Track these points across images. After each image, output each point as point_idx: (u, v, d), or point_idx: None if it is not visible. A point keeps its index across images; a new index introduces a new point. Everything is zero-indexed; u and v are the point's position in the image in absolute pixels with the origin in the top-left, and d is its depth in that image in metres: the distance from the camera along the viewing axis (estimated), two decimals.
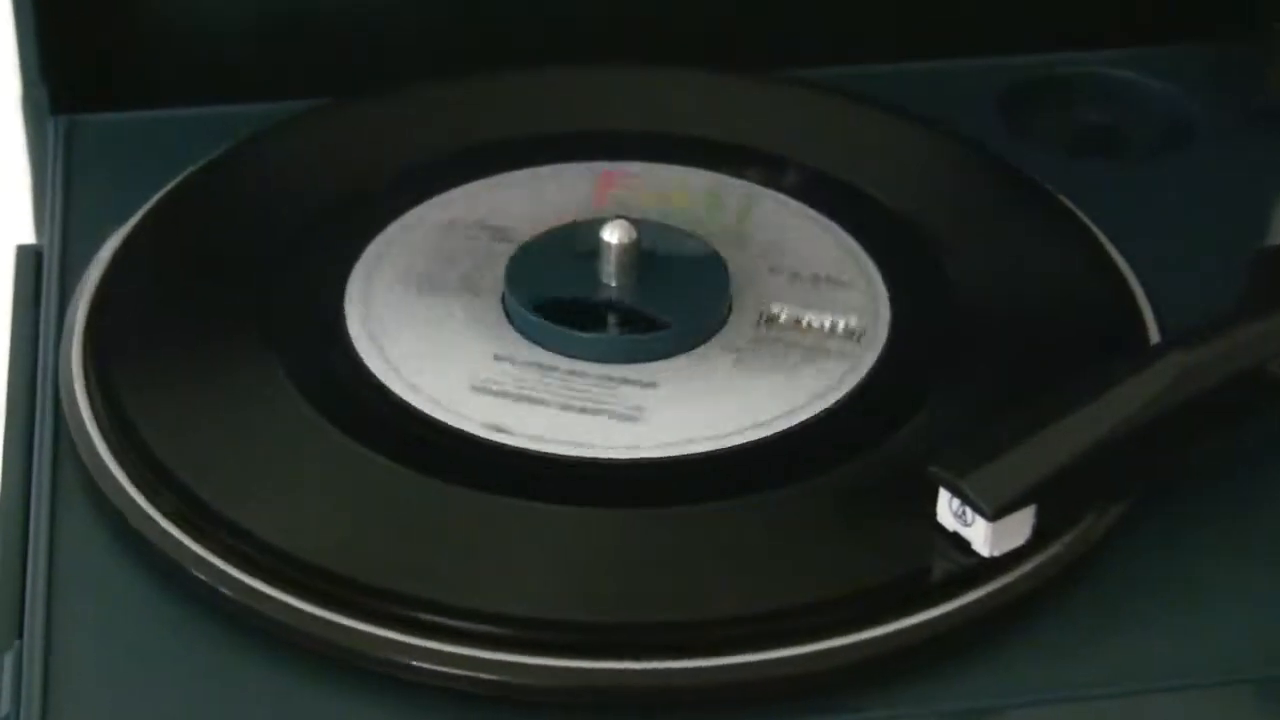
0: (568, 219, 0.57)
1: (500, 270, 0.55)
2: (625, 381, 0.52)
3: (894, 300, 0.55)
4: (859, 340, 0.53)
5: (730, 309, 0.54)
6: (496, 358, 0.52)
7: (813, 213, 0.59)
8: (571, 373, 0.52)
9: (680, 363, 0.53)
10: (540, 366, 0.52)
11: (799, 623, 0.45)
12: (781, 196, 0.59)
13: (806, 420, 0.51)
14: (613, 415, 0.51)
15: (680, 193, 0.59)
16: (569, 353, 0.52)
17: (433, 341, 0.53)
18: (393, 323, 0.53)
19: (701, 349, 0.53)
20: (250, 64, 0.68)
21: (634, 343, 0.53)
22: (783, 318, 0.54)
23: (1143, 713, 0.45)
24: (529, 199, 0.58)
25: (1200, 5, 0.71)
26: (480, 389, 0.51)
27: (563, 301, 0.54)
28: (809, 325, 0.54)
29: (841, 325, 0.53)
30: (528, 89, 0.64)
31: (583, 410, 0.51)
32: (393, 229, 0.57)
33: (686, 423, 0.50)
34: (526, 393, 0.51)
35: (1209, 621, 0.47)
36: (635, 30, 0.70)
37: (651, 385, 0.52)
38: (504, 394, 0.51)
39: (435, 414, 0.50)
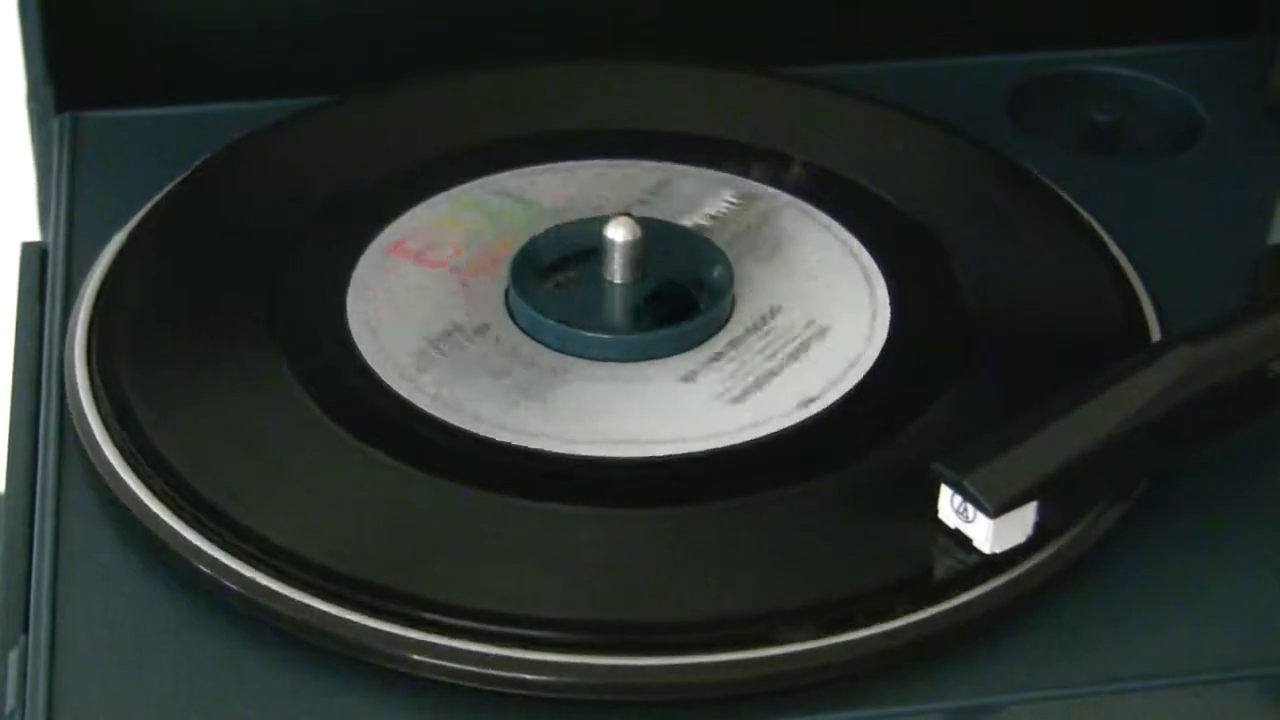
0: (465, 292, 0.55)
1: (519, 347, 0.53)
2: (769, 319, 0.53)
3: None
4: (758, 199, 0.57)
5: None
6: (685, 379, 0.52)
7: (556, 163, 0.60)
8: (733, 344, 0.53)
9: (748, 288, 0.55)
10: (715, 358, 0.52)
11: (799, 622, 0.45)
12: (503, 175, 0.60)
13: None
14: (817, 341, 0.52)
15: (459, 222, 0.58)
16: (704, 337, 0.53)
17: (642, 408, 0.51)
18: (566, 419, 0.51)
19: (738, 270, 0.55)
20: (253, 62, 0.68)
21: (723, 305, 0.54)
22: (715, 213, 0.57)
23: (1143, 711, 0.45)
24: (408, 299, 0.56)
25: (1206, 5, 0.71)
26: (737, 399, 0.51)
27: (561, 292, 0.54)
28: (720, 214, 0.57)
29: (731, 198, 0.58)
30: (528, 86, 0.64)
31: (800, 351, 0.52)
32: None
33: (860, 305, 0.54)
34: (758, 372, 0.52)
35: (1209, 620, 0.47)
36: (636, 29, 0.70)
37: (780, 308, 0.54)
38: (752, 388, 0.51)
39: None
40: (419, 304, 0.54)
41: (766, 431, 0.50)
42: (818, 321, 0.54)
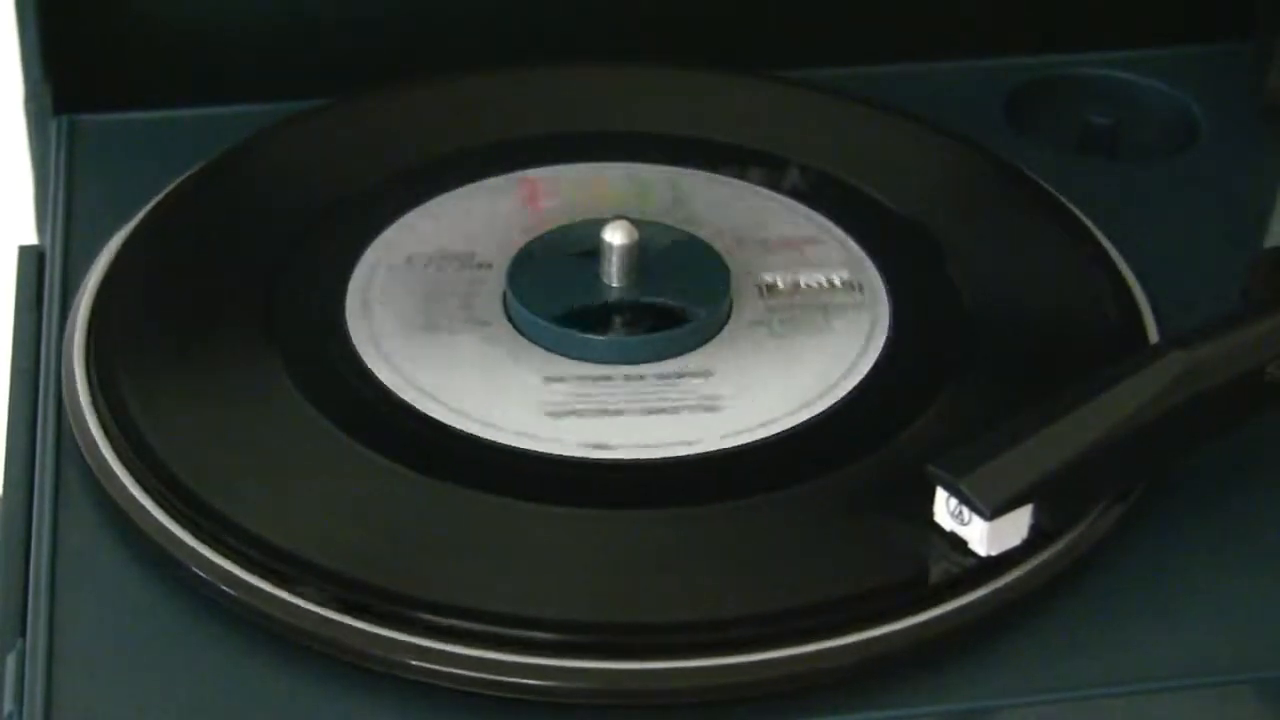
0: (514, 234, 0.56)
1: (488, 296, 0.54)
2: (683, 375, 0.52)
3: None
4: (861, 290, 0.54)
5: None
6: (548, 380, 0.52)
7: (745, 183, 0.59)
8: (628, 378, 0.52)
9: (717, 347, 0.53)
10: (593, 379, 0.52)
11: (799, 623, 0.45)
12: (707, 174, 0.59)
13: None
14: (694, 410, 0.51)
15: (605, 188, 0.58)
16: (610, 359, 0.52)
17: (479, 379, 0.52)
18: (427, 367, 0.52)
19: (727, 331, 0.54)
20: (251, 64, 0.68)
21: (668, 339, 0.53)
22: (780, 285, 0.55)
23: (1142, 712, 0.45)
24: (467, 219, 0.58)
25: (1203, 7, 0.71)
26: (557, 413, 0.51)
27: (581, 309, 0.53)
28: (807, 286, 0.54)
29: (837, 280, 0.54)
30: (529, 88, 0.64)
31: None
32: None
33: (765, 402, 0.51)
34: (601, 406, 0.51)
35: (1208, 621, 0.47)
36: (635, 31, 0.70)
37: (708, 374, 0.52)
38: (582, 412, 0.51)
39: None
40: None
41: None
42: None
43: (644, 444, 0.50)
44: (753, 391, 0.52)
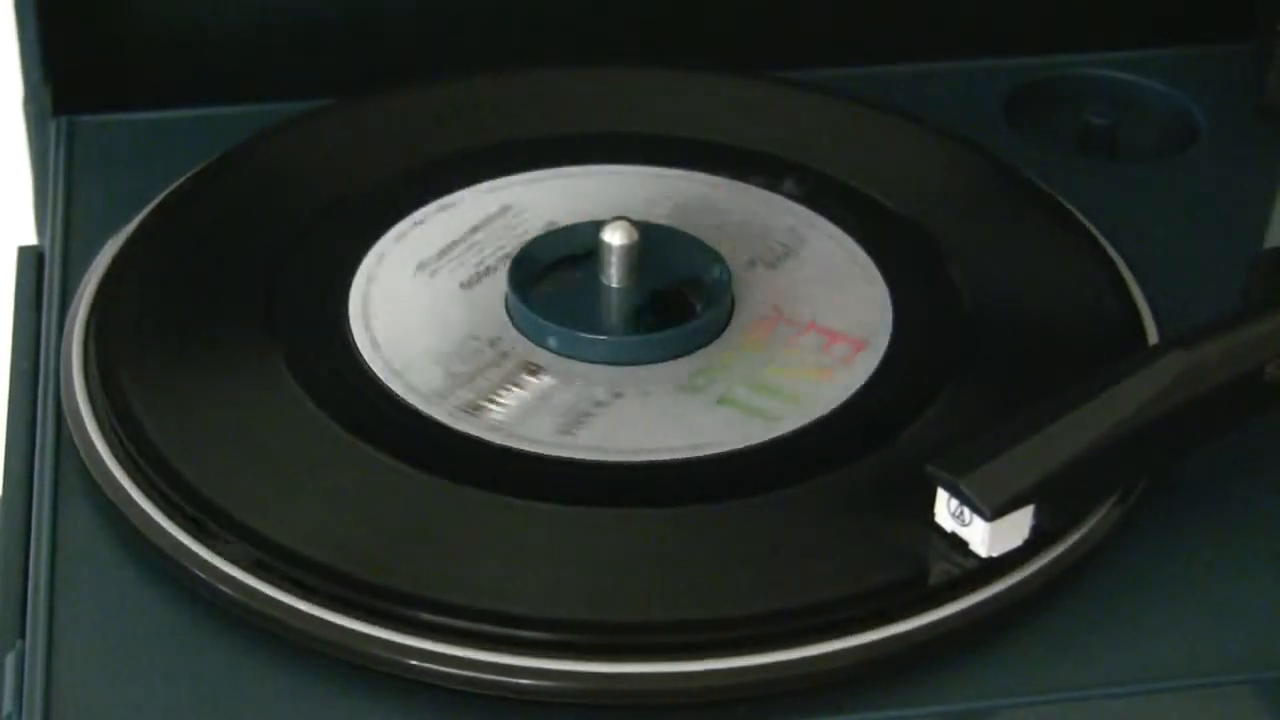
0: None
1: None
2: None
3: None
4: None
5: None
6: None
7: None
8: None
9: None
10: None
11: (799, 623, 0.45)
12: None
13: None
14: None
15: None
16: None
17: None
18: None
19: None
20: (251, 65, 0.68)
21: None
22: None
23: (1143, 713, 0.45)
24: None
25: (1203, 7, 0.71)
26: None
27: (581, 309, 0.54)
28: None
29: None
30: (530, 89, 0.64)
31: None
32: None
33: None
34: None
35: (1208, 621, 0.47)
36: (635, 31, 0.70)
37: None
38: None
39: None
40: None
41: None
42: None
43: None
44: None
